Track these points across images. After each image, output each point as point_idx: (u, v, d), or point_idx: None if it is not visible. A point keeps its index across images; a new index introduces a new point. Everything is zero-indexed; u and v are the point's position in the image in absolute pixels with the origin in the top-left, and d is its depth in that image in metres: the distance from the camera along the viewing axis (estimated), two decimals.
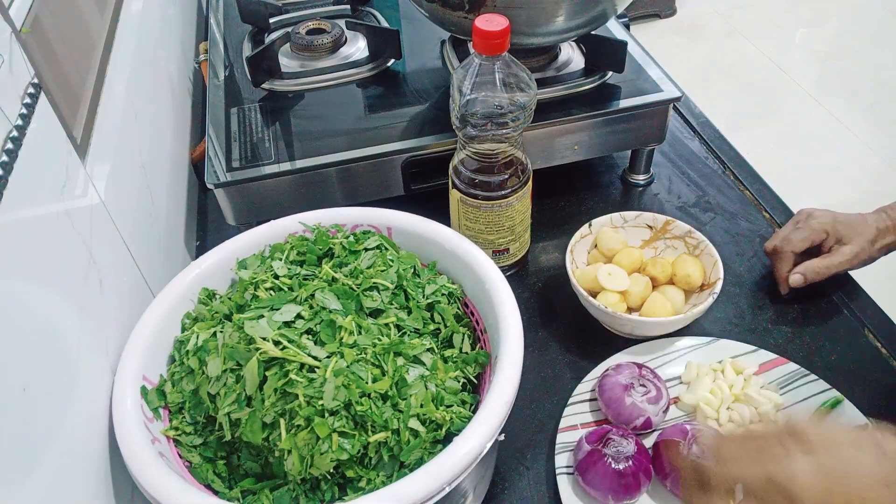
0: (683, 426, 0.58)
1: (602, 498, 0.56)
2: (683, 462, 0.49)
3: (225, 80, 0.85)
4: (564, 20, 0.72)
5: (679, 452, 0.56)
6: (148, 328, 0.52)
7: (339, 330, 0.49)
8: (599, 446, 0.56)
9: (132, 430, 0.46)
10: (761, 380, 0.64)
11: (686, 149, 0.93)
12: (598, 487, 0.56)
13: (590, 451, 0.57)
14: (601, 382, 0.63)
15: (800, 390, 0.63)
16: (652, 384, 0.62)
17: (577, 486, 0.58)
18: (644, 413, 0.60)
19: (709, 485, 0.42)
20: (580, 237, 0.72)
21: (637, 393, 0.61)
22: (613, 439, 0.57)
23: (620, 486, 0.55)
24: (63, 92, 0.52)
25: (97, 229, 0.52)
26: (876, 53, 2.70)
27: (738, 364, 0.66)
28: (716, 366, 0.66)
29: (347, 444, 0.45)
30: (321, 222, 0.60)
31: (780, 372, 0.65)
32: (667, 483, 0.57)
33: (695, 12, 3.05)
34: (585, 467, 0.56)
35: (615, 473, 0.55)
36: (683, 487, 0.50)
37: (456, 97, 0.61)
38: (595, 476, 0.56)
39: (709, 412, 0.62)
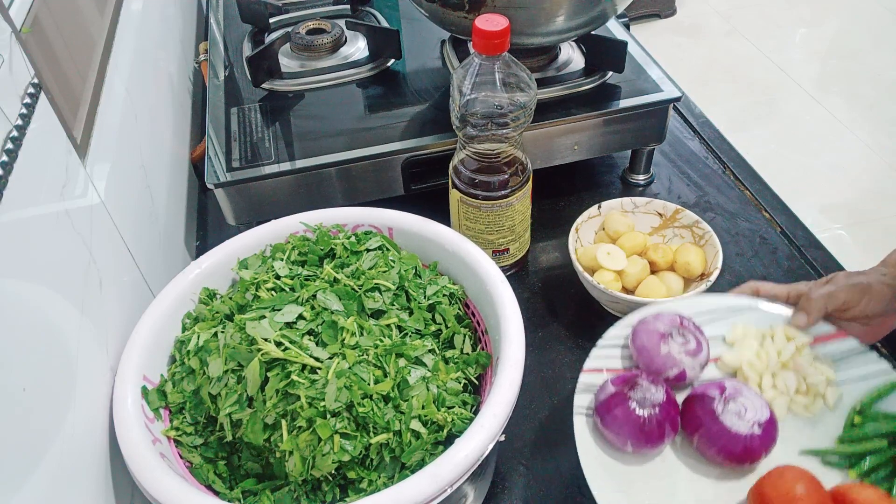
0: (721, 382, 0.54)
1: (620, 443, 0.52)
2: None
3: (225, 80, 0.85)
4: (564, 20, 0.72)
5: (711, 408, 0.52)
6: (148, 328, 0.52)
7: (340, 331, 0.49)
8: (625, 389, 0.53)
9: (133, 430, 0.46)
10: (815, 352, 0.59)
11: (686, 149, 0.93)
12: (618, 431, 0.52)
13: (614, 392, 0.53)
14: (636, 328, 0.58)
15: (857, 368, 0.57)
16: (692, 336, 0.57)
17: (594, 429, 0.54)
18: (679, 365, 0.56)
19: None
20: (588, 217, 0.74)
21: (675, 343, 0.56)
22: (641, 384, 0.53)
23: (642, 433, 0.51)
24: (63, 92, 0.52)
25: (97, 229, 0.52)
26: (876, 53, 2.70)
27: (790, 331, 0.60)
28: (766, 330, 0.61)
29: (349, 445, 0.45)
30: (322, 222, 0.60)
31: (838, 347, 0.59)
32: (693, 440, 0.53)
33: (695, 12, 3.05)
34: (606, 409, 0.52)
35: (638, 419, 0.51)
36: None
37: (456, 97, 0.61)
38: (615, 419, 0.52)
39: (751, 376, 0.58)
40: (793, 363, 0.58)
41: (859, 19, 2.95)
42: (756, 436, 0.52)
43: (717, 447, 0.52)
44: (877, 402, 0.55)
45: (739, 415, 0.52)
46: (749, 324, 0.61)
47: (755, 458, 0.52)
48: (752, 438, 0.52)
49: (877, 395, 0.56)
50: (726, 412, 0.52)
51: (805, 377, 0.57)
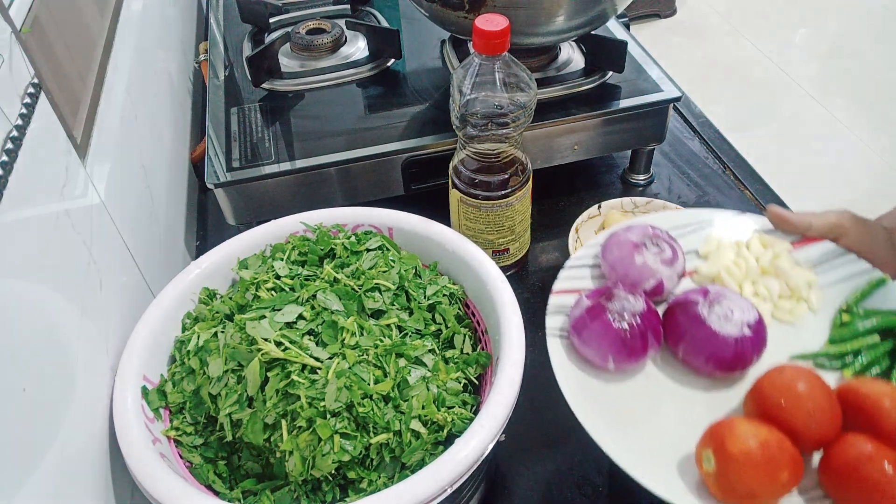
0: (704, 287, 0.51)
1: (600, 359, 0.48)
2: None
3: (225, 80, 0.85)
4: (564, 20, 0.72)
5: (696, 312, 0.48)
6: (148, 328, 0.52)
7: (340, 331, 0.49)
8: (601, 300, 0.49)
9: (133, 430, 0.46)
10: (793, 257, 0.58)
11: (686, 149, 0.93)
12: (597, 347, 0.48)
13: (589, 305, 0.49)
14: (607, 243, 0.55)
15: (836, 271, 0.56)
16: (667, 244, 0.54)
17: (570, 350, 0.50)
18: (656, 275, 0.52)
19: None
20: (588, 217, 0.74)
21: (649, 252, 0.53)
22: (618, 294, 0.49)
23: (624, 346, 0.47)
24: (63, 92, 0.52)
25: (97, 229, 0.52)
26: (876, 53, 2.70)
27: (766, 238, 0.59)
28: (740, 240, 0.59)
29: (349, 445, 0.45)
30: (322, 222, 0.60)
31: (815, 251, 0.57)
32: (679, 350, 0.50)
33: (695, 12, 3.05)
34: (582, 324, 0.49)
35: (618, 331, 0.47)
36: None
37: (456, 97, 0.61)
38: (593, 334, 0.48)
39: (730, 284, 0.55)
40: (773, 267, 0.56)
41: (859, 19, 2.95)
42: (747, 338, 0.48)
43: (706, 354, 0.48)
44: (862, 300, 0.54)
45: (726, 317, 0.49)
46: (722, 235, 0.59)
47: (746, 363, 0.49)
48: (742, 341, 0.48)
49: (862, 294, 0.54)
50: (712, 315, 0.49)
51: (787, 281, 0.55)
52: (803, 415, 0.44)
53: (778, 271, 0.56)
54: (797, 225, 0.59)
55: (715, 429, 0.45)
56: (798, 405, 0.45)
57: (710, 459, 0.44)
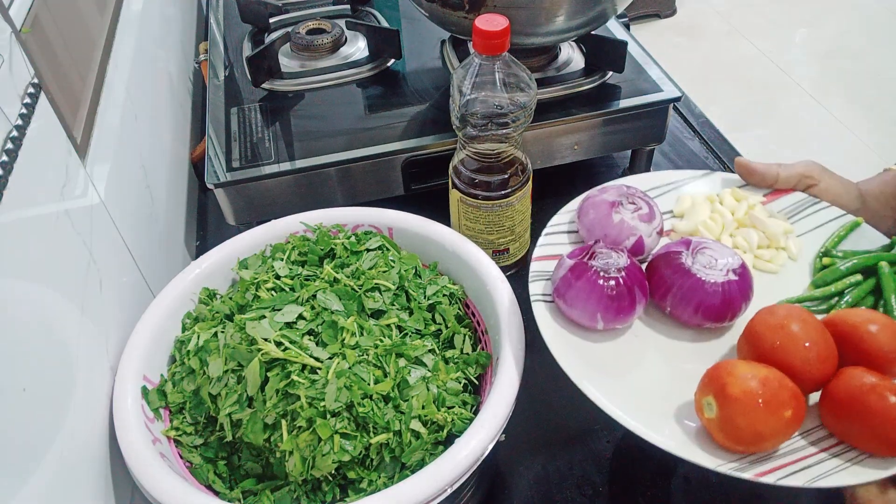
0: (685, 239, 0.50)
1: (589, 319, 0.47)
2: None
3: (225, 80, 0.85)
4: (564, 20, 0.72)
5: (680, 263, 0.48)
6: (148, 328, 0.52)
7: (340, 331, 0.49)
8: (584, 258, 0.48)
9: (133, 430, 0.46)
10: (767, 208, 0.58)
11: (686, 149, 0.93)
12: (584, 306, 0.47)
13: (573, 265, 0.48)
14: (583, 206, 0.54)
15: (811, 218, 0.57)
16: (643, 202, 0.53)
17: (556, 313, 0.49)
18: (635, 231, 0.51)
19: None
20: None
21: (626, 210, 0.52)
22: (601, 251, 0.48)
23: (612, 303, 0.46)
24: (63, 92, 0.52)
25: (97, 229, 0.52)
26: (876, 53, 2.70)
27: (738, 192, 0.59)
28: (711, 196, 0.59)
29: (349, 445, 0.45)
30: (322, 222, 0.60)
31: (787, 202, 0.58)
32: (666, 303, 0.49)
33: (695, 12, 3.05)
34: (567, 284, 0.47)
35: (605, 288, 0.46)
36: None
37: (456, 97, 0.61)
38: (580, 293, 0.46)
39: (706, 235, 0.55)
40: (749, 219, 0.56)
41: (859, 19, 2.95)
42: (734, 282, 0.48)
43: (695, 304, 0.48)
44: (839, 243, 0.55)
45: (711, 266, 0.48)
46: (695, 193, 0.59)
47: (735, 310, 0.49)
48: (729, 286, 0.48)
49: (838, 238, 0.55)
50: (696, 265, 0.48)
51: (764, 230, 0.55)
52: (800, 353, 0.43)
53: (754, 222, 0.56)
54: (765, 175, 0.60)
55: (713, 373, 0.44)
56: (794, 344, 0.44)
57: (711, 405, 0.42)
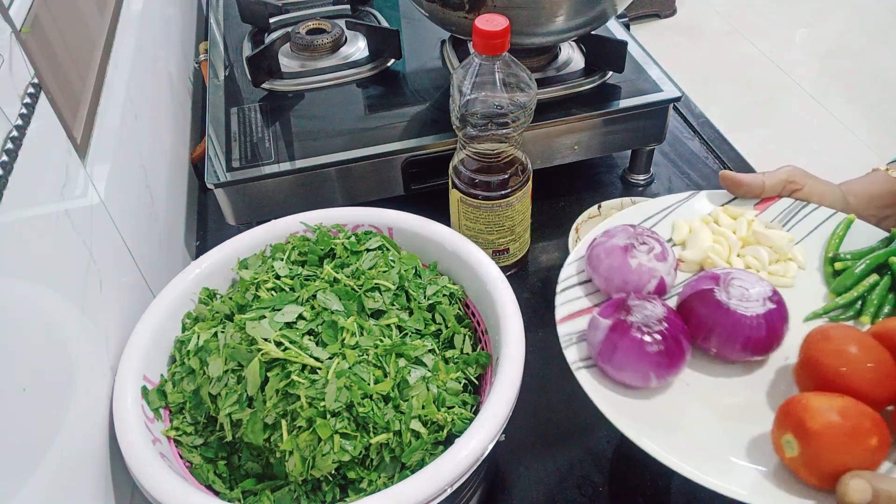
0: (712, 273, 0.48)
1: (641, 380, 0.44)
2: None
3: (225, 80, 0.85)
4: (564, 20, 0.72)
5: (717, 300, 0.46)
6: (148, 328, 0.52)
7: (340, 331, 0.49)
8: (621, 317, 0.45)
9: (133, 430, 0.46)
10: (762, 221, 0.58)
11: (686, 149, 0.93)
12: (635, 368, 0.44)
13: (611, 325, 0.45)
14: (592, 253, 0.52)
15: (803, 223, 0.57)
16: (654, 240, 0.51)
17: (603, 377, 0.46)
18: (656, 273, 0.49)
19: None
20: (588, 217, 0.73)
21: (641, 252, 0.50)
22: (634, 304, 0.46)
23: (664, 358, 0.44)
24: (63, 92, 0.52)
25: (97, 229, 0.52)
26: (876, 53, 2.70)
27: (731, 210, 0.58)
28: (705, 217, 0.58)
29: (349, 445, 0.45)
30: (322, 222, 0.60)
31: (776, 210, 0.58)
32: (710, 344, 0.47)
33: (695, 12, 3.05)
34: (611, 348, 0.45)
35: (653, 344, 0.44)
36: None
37: (456, 97, 0.61)
38: (627, 355, 0.44)
39: (719, 263, 0.54)
40: (753, 235, 0.55)
41: (859, 19, 2.95)
42: (773, 311, 0.46)
43: (742, 341, 0.46)
44: (840, 244, 0.54)
45: (745, 297, 0.46)
46: (687, 218, 0.58)
47: (780, 338, 0.47)
48: (771, 316, 0.46)
49: (839, 238, 0.54)
50: (733, 300, 0.46)
51: (770, 244, 0.54)
52: (866, 376, 0.43)
53: (759, 237, 0.55)
54: (752, 186, 0.59)
55: (787, 410, 0.42)
56: (858, 367, 0.43)
57: (791, 444, 0.41)
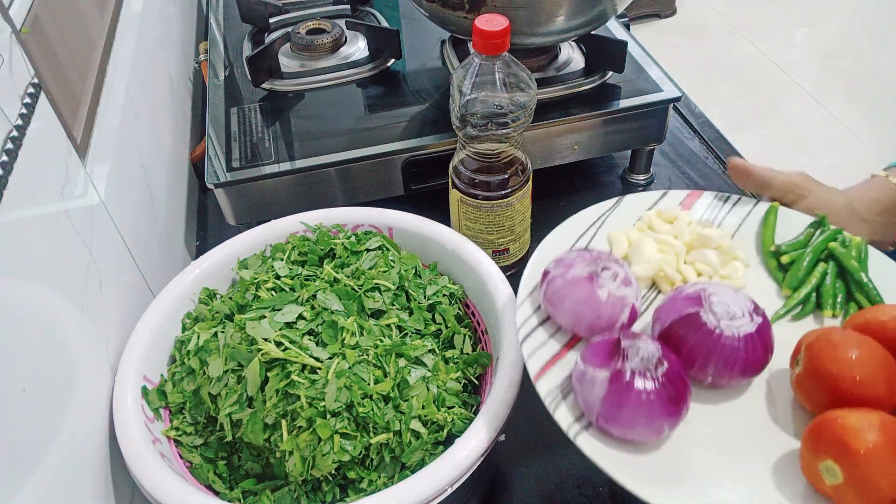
0: (686, 292, 0.44)
1: (654, 434, 0.39)
2: None
3: (225, 80, 0.85)
4: (564, 20, 0.72)
5: (706, 326, 0.41)
6: (148, 328, 0.52)
7: (340, 331, 0.49)
8: (616, 365, 0.39)
9: (133, 430, 0.46)
10: (692, 219, 0.55)
11: (686, 149, 0.93)
12: (647, 423, 0.39)
13: (609, 378, 0.39)
14: (549, 290, 0.46)
15: (729, 218, 0.55)
16: (614, 263, 0.46)
17: (609, 439, 0.40)
18: (627, 301, 0.44)
19: None
20: None
21: (606, 280, 0.44)
22: (626, 347, 0.40)
23: (673, 406, 0.39)
24: (63, 92, 0.52)
25: (97, 229, 0.52)
26: (876, 53, 2.70)
27: (665, 213, 0.55)
28: (639, 225, 0.55)
29: (349, 445, 0.45)
30: (322, 222, 0.60)
31: (701, 208, 0.56)
32: (706, 375, 0.42)
33: (695, 12, 3.05)
34: (615, 405, 0.39)
35: (659, 391, 0.38)
36: None
37: (456, 97, 0.61)
38: (636, 411, 0.38)
39: (673, 275, 0.50)
40: (698, 238, 0.52)
41: (859, 19, 2.95)
42: (762, 325, 0.43)
43: (740, 365, 0.42)
44: (774, 235, 0.54)
45: (732, 315, 0.43)
46: (619, 229, 0.55)
47: (772, 350, 0.44)
48: (762, 330, 0.43)
49: (772, 229, 0.54)
50: (722, 321, 0.42)
51: (716, 246, 0.52)
52: (882, 378, 0.40)
53: (704, 240, 0.52)
54: (760, 178, 0.57)
55: (818, 433, 0.39)
56: (872, 372, 0.40)
57: (833, 471, 0.37)
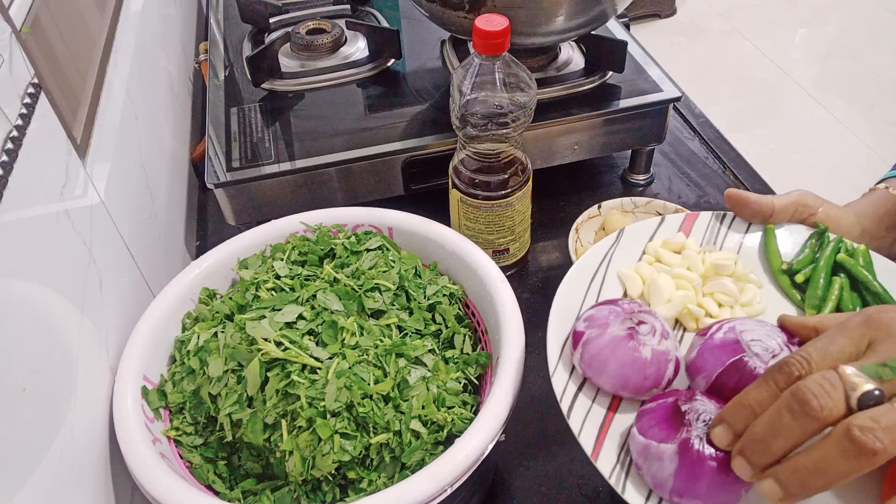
0: (722, 340, 0.42)
1: (735, 497, 0.38)
2: None
3: (225, 80, 0.85)
4: (564, 20, 0.72)
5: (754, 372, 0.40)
6: (148, 328, 0.52)
7: (340, 331, 0.49)
8: (681, 435, 0.37)
9: (133, 430, 0.46)
10: (697, 245, 0.54)
11: (686, 149, 0.93)
12: (724, 489, 0.37)
13: (678, 448, 0.37)
14: (587, 354, 0.44)
15: (729, 239, 0.55)
16: (647, 314, 0.44)
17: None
18: (670, 356, 0.42)
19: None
20: (588, 217, 0.73)
21: (645, 336, 0.42)
22: (689, 410, 0.38)
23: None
24: (63, 92, 0.52)
25: (97, 229, 0.52)
26: (876, 53, 2.71)
27: (670, 243, 0.53)
28: (647, 259, 0.53)
29: (349, 445, 0.45)
30: (322, 222, 0.60)
31: (700, 230, 0.54)
32: None
33: (695, 12, 3.05)
34: (691, 480, 0.37)
35: (726, 459, 0.36)
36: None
37: (456, 97, 0.61)
38: (714, 483, 0.36)
39: (696, 310, 0.49)
40: (713, 268, 0.50)
41: (859, 19, 2.95)
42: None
43: None
44: (780, 252, 0.53)
45: (772, 352, 0.41)
46: (631, 265, 0.53)
47: None
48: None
49: (774, 248, 0.54)
50: (768, 363, 0.40)
51: (731, 273, 0.51)
52: None
53: (720, 269, 0.50)
54: (761, 206, 0.55)
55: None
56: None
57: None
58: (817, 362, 0.36)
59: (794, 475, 0.34)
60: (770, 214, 0.55)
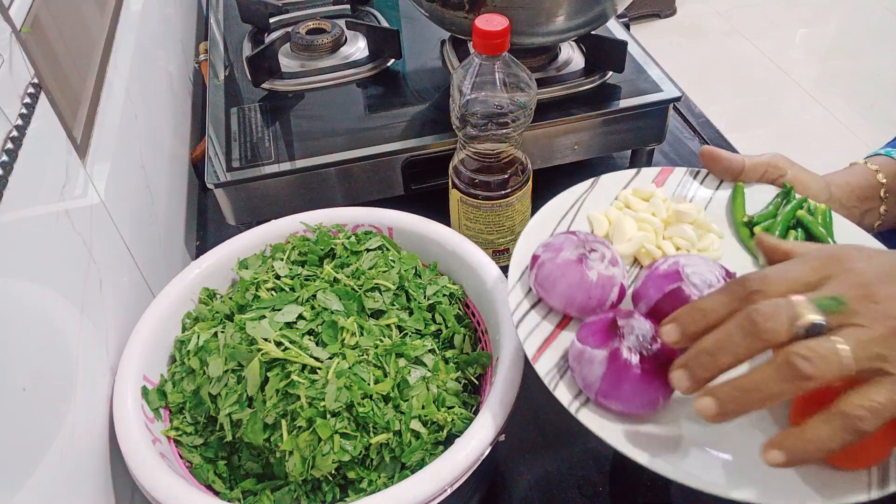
0: (665, 268, 0.46)
1: (651, 406, 0.41)
2: None
3: (225, 80, 0.85)
4: (564, 20, 0.72)
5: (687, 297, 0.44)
6: (148, 328, 0.52)
7: (340, 331, 0.49)
8: (614, 345, 0.41)
9: (133, 430, 0.46)
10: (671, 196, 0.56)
11: (686, 149, 0.93)
12: (645, 398, 0.41)
13: (609, 356, 0.41)
14: (540, 274, 0.48)
15: (699, 192, 0.57)
16: (601, 245, 0.48)
17: (608, 412, 0.42)
18: (615, 281, 0.46)
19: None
20: None
21: (595, 261, 0.46)
22: (621, 326, 0.42)
23: (667, 379, 0.40)
24: (63, 92, 0.52)
25: (97, 229, 0.52)
26: (876, 53, 2.71)
27: (641, 191, 0.57)
28: (617, 205, 0.56)
29: (349, 445, 0.45)
30: (322, 222, 0.60)
31: (673, 184, 0.57)
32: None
33: (695, 12, 3.05)
34: (615, 382, 0.41)
35: (656, 367, 0.40)
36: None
37: (456, 97, 0.61)
38: (636, 387, 0.40)
39: (653, 250, 0.52)
40: (675, 214, 0.53)
41: (859, 19, 2.95)
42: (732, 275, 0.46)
43: None
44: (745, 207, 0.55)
45: (709, 284, 0.44)
46: (599, 209, 0.56)
47: None
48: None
49: (741, 202, 0.55)
50: (704, 292, 0.44)
51: (692, 221, 0.53)
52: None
53: (680, 216, 0.53)
54: (732, 163, 0.57)
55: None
56: None
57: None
58: (773, 282, 0.38)
59: (732, 392, 0.36)
60: (740, 172, 0.57)
